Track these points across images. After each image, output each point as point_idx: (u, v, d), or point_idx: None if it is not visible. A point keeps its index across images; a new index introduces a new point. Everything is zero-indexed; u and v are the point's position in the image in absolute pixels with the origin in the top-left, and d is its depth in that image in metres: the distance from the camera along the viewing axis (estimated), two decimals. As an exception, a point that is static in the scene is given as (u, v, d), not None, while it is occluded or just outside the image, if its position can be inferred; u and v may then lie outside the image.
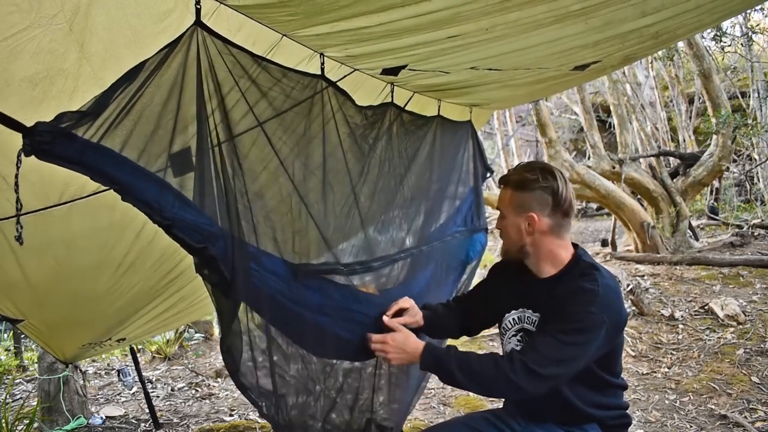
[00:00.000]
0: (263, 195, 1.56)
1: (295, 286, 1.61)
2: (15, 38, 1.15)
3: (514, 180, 1.64)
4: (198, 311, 3.24)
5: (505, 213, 1.66)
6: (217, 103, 1.37)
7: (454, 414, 3.42)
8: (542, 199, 1.60)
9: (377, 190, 2.14)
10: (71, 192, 1.74)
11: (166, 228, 1.23)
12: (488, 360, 1.52)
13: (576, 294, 1.53)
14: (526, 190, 1.61)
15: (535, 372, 1.45)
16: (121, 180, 1.15)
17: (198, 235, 1.28)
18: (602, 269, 1.62)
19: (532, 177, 1.60)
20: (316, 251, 1.77)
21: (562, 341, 1.48)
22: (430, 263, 2.40)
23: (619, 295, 1.60)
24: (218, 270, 1.34)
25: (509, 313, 1.74)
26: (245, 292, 1.43)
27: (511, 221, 1.64)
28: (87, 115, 1.11)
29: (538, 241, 1.63)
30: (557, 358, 1.47)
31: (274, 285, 1.53)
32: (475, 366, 1.52)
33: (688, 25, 2.06)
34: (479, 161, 3.14)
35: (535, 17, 1.58)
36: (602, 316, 1.49)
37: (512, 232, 1.65)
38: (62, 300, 2.32)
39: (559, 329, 1.50)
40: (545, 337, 1.51)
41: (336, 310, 1.71)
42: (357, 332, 1.74)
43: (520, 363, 1.46)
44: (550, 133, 7.65)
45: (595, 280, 1.55)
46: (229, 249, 1.36)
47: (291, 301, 1.57)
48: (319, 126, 1.77)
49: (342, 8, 1.35)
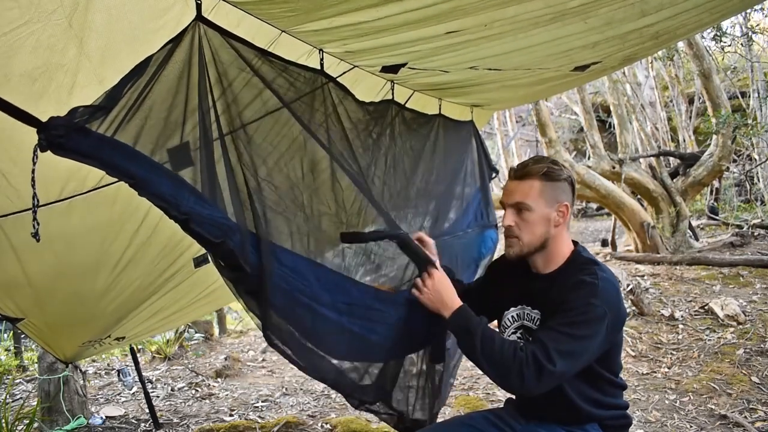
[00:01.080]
0: (274, 187, 1.54)
1: (313, 281, 1.57)
2: (14, 33, 1.15)
3: (540, 170, 1.57)
4: (198, 310, 3.24)
5: (533, 206, 1.57)
6: (220, 95, 1.37)
7: (454, 414, 3.42)
8: (568, 189, 1.60)
9: (385, 186, 2.12)
10: (71, 188, 1.74)
11: (183, 223, 1.19)
12: (510, 347, 1.48)
13: (576, 287, 1.52)
14: (557, 180, 1.58)
15: (546, 369, 1.42)
16: (137, 174, 1.14)
17: (216, 229, 1.25)
18: (601, 264, 1.61)
19: (557, 167, 1.59)
20: (331, 246, 1.76)
21: (569, 335, 1.46)
22: (444, 260, 2.39)
23: (618, 291, 1.59)
24: (237, 264, 1.32)
25: (508, 310, 1.73)
26: (264, 286, 1.39)
27: (541, 213, 1.57)
28: (100, 110, 1.11)
29: (557, 234, 1.60)
30: (566, 352, 1.45)
31: (291, 279, 1.49)
32: (497, 347, 1.47)
33: (688, 25, 2.06)
34: (484, 160, 3.13)
35: (534, 13, 1.58)
36: (604, 308, 1.48)
37: (540, 224, 1.58)
38: (62, 297, 2.32)
39: (563, 323, 1.47)
40: (551, 332, 1.48)
41: (355, 308, 1.67)
42: (376, 331, 1.70)
43: (532, 358, 1.43)
44: (550, 133, 7.66)
45: (595, 274, 1.54)
46: (246, 243, 1.33)
47: (309, 297, 1.53)
48: (321, 119, 1.77)
49: (341, 3, 1.36)
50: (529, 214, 1.58)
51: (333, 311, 1.60)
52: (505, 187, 1.65)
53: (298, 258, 1.56)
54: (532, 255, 1.64)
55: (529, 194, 1.57)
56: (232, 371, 4.67)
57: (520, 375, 1.43)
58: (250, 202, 1.40)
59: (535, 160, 1.64)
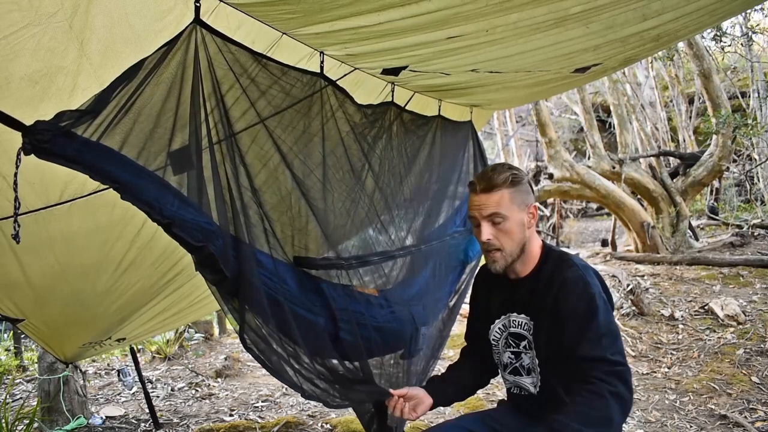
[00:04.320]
0: (263, 192, 1.56)
1: (292, 285, 1.61)
2: (15, 36, 1.15)
3: (506, 179, 1.59)
4: (198, 311, 3.24)
5: (507, 214, 1.58)
6: (216, 101, 1.37)
7: (454, 414, 3.42)
8: (530, 190, 1.64)
9: (377, 189, 2.14)
10: (71, 191, 1.74)
11: (166, 227, 1.23)
12: (587, 405, 1.40)
13: (567, 288, 1.54)
14: (521, 184, 1.61)
15: (620, 372, 1.43)
16: (121, 179, 1.15)
17: (198, 233, 1.28)
18: (571, 254, 1.67)
19: (517, 171, 1.62)
20: (316, 249, 1.77)
21: (603, 332, 1.47)
22: (429, 263, 2.40)
23: (597, 273, 1.63)
24: (218, 268, 1.35)
25: (493, 323, 1.74)
26: (243, 290, 1.42)
27: (515, 220, 1.59)
28: (86, 114, 1.12)
29: (530, 236, 1.64)
30: (609, 345, 1.46)
31: (271, 284, 1.52)
32: (586, 418, 1.39)
33: (689, 27, 2.06)
34: (479, 161, 3.14)
35: (535, 19, 1.58)
36: (599, 289, 1.55)
37: (517, 230, 1.60)
38: (62, 299, 2.32)
39: (585, 329, 1.48)
40: (587, 344, 1.47)
41: (333, 310, 1.71)
42: (354, 333, 1.74)
43: (606, 384, 1.40)
44: (550, 133, 7.66)
45: (574, 265, 1.58)
46: (228, 247, 1.36)
47: (288, 300, 1.57)
48: (318, 124, 1.77)
49: (341, 7, 1.35)
50: (506, 223, 1.59)
51: (311, 313, 1.64)
52: (472, 202, 1.63)
53: (279, 263, 1.58)
54: (516, 261, 1.65)
55: (501, 204, 1.59)
56: (232, 371, 4.67)
57: (620, 399, 1.40)
58: (232, 207, 1.41)
59: (495, 170, 1.64)
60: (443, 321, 2.55)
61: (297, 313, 1.60)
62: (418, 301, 2.17)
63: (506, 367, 1.73)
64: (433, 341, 2.43)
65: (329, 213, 1.83)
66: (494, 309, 1.74)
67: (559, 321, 1.54)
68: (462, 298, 2.73)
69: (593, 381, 1.42)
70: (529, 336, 1.64)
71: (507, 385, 1.78)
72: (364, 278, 1.96)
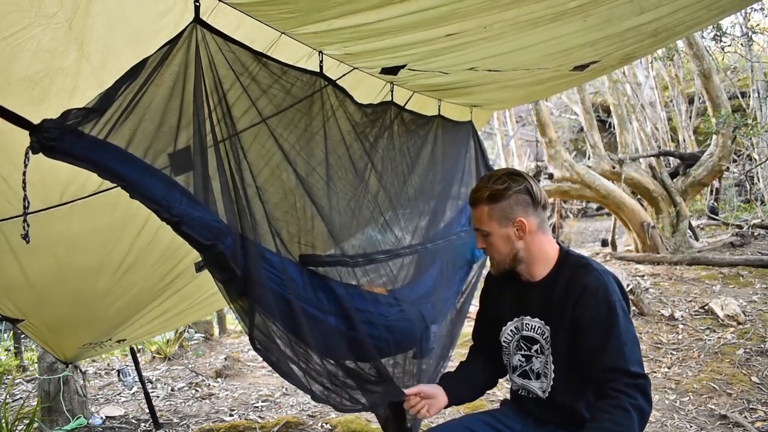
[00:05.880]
0: (267, 191, 1.55)
1: (301, 284, 1.59)
2: (15, 37, 1.15)
3: (486, 195, 1.59)
4: (198, 312, 3.24)
5: (488, 229, 1.61)
6: (218, 100, 1.37)
7: (454, 414, 3.42)
8: (521, 200, 1.59)
9: (381, 188, 2.13)
10: (72, 192, 1.74)
11: (175, 225, 1.21)
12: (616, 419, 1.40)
13: (587, 295, 1.53)
14: (503, 199, 1.58)
15: (641, 385, 1.44)
16: (129, 177, 1.15)
17: (207, 232, 1.26)
18: (590, 259, 1.65)
19: (502, 186, 1.58)
20: (322, 247, 1.76)
21: (624, 341, 1.47)
22: (436, 262, 2.39)
23: (616, 278, 1.62)
24: (227, 267, 1.33)
25: (506, 326, 1.73)
26: (253, 289, 1.41)
27: (498, 234, 1.61)
28: (93, 112, 1.11)
29: (529, 243, 1.62)
30: (629, 354, 1.47)
31: (279, 282, 1.51)
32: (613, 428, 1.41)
33: (686, 22, 2.06)
34: (481, 161, 3.14)
35: (533, 14, 1.58)
36: (618, 296, 1.53)
37: (501, 244, 1.62)
38: (63, 300, 2.32)
39: (608, 337, 1.48)
40: (609, 352, 1.47)
41: (343, 308, 1.69)
42: (365, 331, 1.72)
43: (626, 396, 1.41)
44: (550, 133, 7.66)
45: (594, 270, 1.57)
46: (237, 245, 1.35)
47: (297, 299, 1.55)
48: (319, 123, 1.77)
49: (340, 5, 1.36)
50: (490, 237, 1.63)
51: (321, 312, 1.63)
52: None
53: (287, 261, 1.57)
54: (514, 268, 1.66)
55: (482, 220, 1.62)
56: (232, 371, 4.67)
57: (640, 411, 1.42)
58: (239, 206, 1.40)
59: (481, 183, 1.65)
60: (451, 322, 2.54)
61: (307, 311, 1.58)
62: (426, 299, 2.16)
63: (515, 369, 1.73)
64: (443, 341, 2.43)
65: (334, 211, 1.83)
66: (506, 310, 1.73)
67: (578, 329, 1.53)
68: (469, 299, 2.73)
69: (616, 395, 1.42)
70: (542, 340, 1.63)
71: (514, 387, 1.77)
72: (371, 276, 1.95)
